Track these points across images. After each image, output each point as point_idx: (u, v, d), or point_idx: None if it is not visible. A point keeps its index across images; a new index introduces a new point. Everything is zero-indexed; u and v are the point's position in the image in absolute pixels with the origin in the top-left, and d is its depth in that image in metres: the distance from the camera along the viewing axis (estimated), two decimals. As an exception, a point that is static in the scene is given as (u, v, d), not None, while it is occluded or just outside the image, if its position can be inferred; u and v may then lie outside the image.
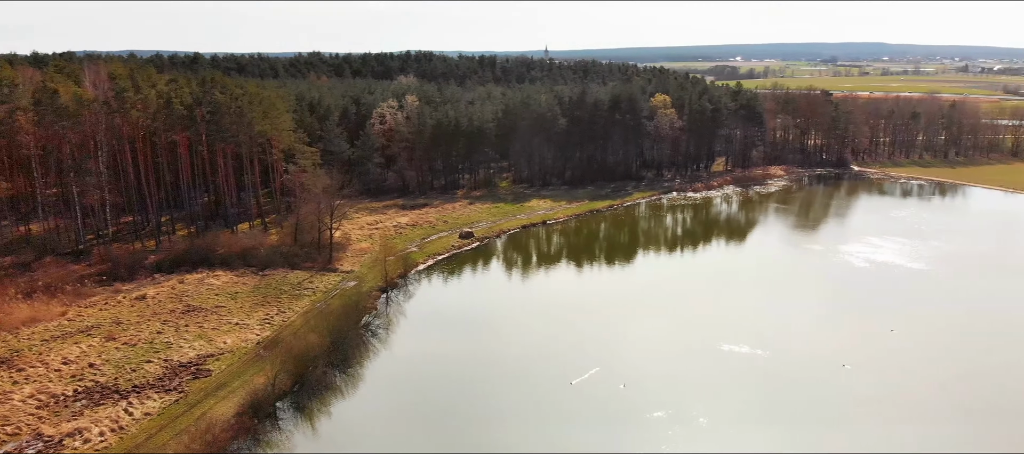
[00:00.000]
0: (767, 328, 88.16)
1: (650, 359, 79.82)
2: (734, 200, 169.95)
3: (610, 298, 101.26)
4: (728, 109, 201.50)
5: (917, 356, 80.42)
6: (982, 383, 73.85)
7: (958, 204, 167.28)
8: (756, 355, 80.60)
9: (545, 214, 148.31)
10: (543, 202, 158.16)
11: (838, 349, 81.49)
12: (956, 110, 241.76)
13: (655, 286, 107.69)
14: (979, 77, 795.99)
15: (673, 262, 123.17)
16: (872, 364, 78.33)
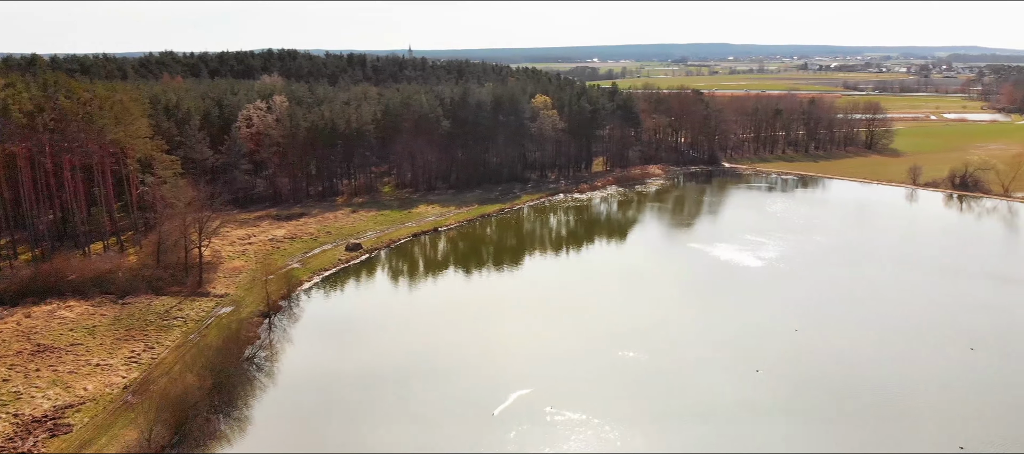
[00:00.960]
0: (666, 331, 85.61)
1: (563, 373, 74.87)
2: (619, 200, 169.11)
3: (517, 305, 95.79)
4: (606, 110, 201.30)
5: (825, 356, 79.98)
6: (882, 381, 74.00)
7: (825, 196, 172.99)
8: (657, 358, 77.51)
9: (435, 221, 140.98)
10: (431, 208, 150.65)
11: (746, 349, 79.84)
12: (814, 106, 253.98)
13: (560, 289, 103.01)
14: (818, 74, 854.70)
15: (572, 264, 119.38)
16: (783, 366, 76.99)
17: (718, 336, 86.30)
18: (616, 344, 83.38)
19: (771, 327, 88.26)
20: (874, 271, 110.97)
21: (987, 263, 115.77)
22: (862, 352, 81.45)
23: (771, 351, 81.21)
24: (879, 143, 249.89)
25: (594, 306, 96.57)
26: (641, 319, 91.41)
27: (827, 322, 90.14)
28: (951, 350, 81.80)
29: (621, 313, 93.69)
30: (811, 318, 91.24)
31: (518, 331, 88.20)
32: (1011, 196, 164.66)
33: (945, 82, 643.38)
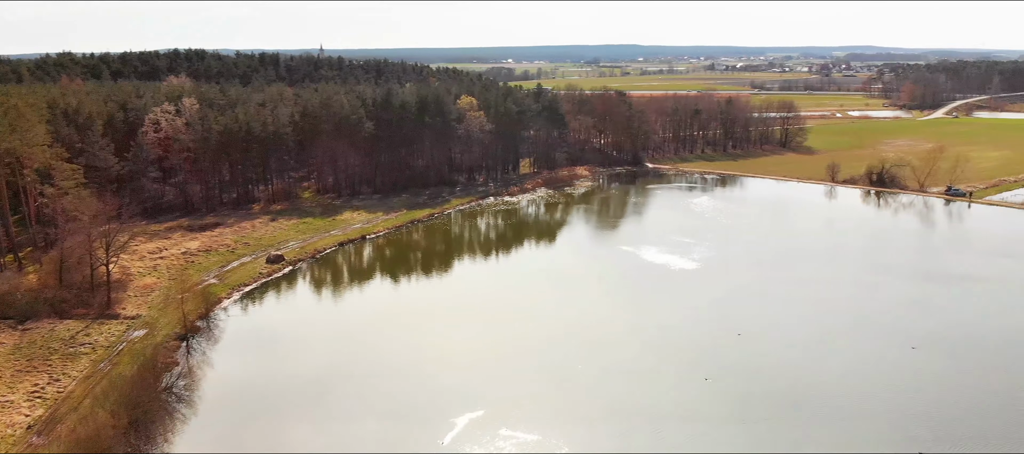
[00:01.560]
0: (608, 340, 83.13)
1: (505, 380, 71.18)
2: (550, 202, 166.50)
3: (454, 314, 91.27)
4: (532, 111, 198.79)
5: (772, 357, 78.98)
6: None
7: (750, 195, 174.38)
8: (603, 368, 74.84)
9: (362, 228, 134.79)
10: (357, 214, 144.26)
11: (692, 355, 78.01)
12: (731, 106, 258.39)
13: (497, 296, 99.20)
14: (725, 74, 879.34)
15: (507, 269, 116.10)
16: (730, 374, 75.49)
17: (660, 341, 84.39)
18: (557, 352, 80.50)
19: (714, 332, 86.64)
20: (808, 270, 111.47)
21: (914, 260, 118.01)
22: (808, 353, 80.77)
23: (718, 357, 79.50)
24: (793, 141, 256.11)
25: (533, 313, 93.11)
26: (581, 326, 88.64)
27: (769, 324, 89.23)
28: (894, 349, 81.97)
29: (560, 319, 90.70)
30: (753, 321, 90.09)
31: (457, 341, 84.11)
32: (926, 191, 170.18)
33: (846, 81, 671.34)
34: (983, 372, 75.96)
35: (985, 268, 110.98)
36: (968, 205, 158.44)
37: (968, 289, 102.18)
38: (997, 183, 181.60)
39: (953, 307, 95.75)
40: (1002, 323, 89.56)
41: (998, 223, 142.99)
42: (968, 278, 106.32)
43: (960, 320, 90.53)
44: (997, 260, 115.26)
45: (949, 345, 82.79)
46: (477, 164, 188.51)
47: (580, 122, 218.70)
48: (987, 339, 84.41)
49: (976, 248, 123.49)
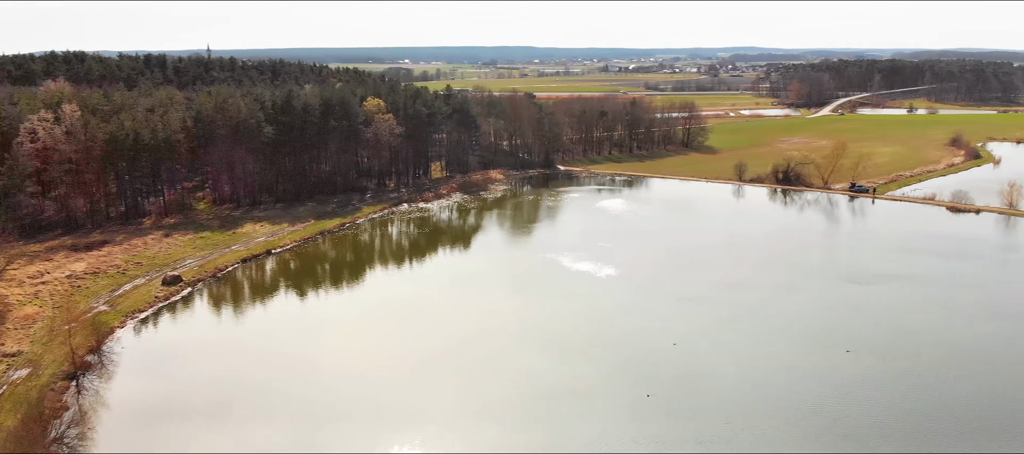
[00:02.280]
0: (544, 355, 78.93)
1: (438, 412, 65.80)
2: (467, 208, 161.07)
3: (375, 331, 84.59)
4: (442, 113, 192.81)
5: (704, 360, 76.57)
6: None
7: (663, 196, 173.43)
8: (539, 386, 70.60)
9: (267, 241, 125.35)
10: (260, 226, 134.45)
11: (631, 369, 74.65)
12: (635, 107, 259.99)
13: (420, 310, 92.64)
14: (619, 75, 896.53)
15: (428, 281, 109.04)
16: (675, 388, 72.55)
17: (598, 355, 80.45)
18: (488, 368, 75.72)
19: (650, 343, 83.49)
20: (732, 274, 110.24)
21: (835, 259, 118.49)
22: (745, 360, 78.67)
23: (657, 370, 76.28)
24: (695, 141, 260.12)
25: (464, 328, 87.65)
26: (513, 339, 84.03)
27: (701, 332, 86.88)
28: (830, 353, 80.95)
29: (490, 334, 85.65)
30: (685, 329, 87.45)
31: (382, 360, 77.81)
32: (831, 188, 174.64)
33: (734, 81, 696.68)
34: (919, 373, 75.72)
35: (905, 266, 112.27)
36: (872, 201, 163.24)
37: (894, 288, 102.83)
38: (895, 178, 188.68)
39: (882, 308, 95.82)
40: (932, 323, 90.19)
41: (906, 219, 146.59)
42: (891, 277, 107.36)
43: (891, 322, 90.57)
44: (917, 258, 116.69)
45: (882, 347, 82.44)
46: (387, 169, 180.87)
47: (490, 124, 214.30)
48: (920, 339, 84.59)
49: (892, 245, 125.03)
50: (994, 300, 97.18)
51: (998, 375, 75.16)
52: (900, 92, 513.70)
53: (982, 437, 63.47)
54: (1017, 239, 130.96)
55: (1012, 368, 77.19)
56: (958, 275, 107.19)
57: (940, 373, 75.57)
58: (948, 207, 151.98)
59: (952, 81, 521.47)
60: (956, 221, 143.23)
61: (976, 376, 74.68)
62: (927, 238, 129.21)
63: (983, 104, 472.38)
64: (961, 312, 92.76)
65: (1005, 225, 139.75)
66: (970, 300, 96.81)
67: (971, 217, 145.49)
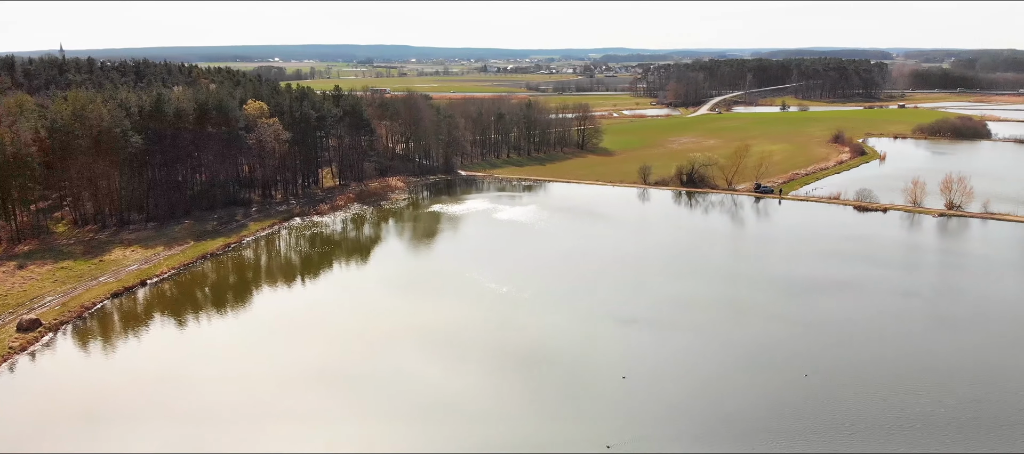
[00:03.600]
0: (473, 399, 69.14)
1: None
2: (368, 221, 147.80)
3: (285, 386, 71.57)
4: (333, 116, 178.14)
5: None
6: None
7: (572, 203, 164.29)
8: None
9: (140, 270, 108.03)
10: (131, 252, 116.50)
11: (581, 404, 65.90)
12: (532, 109, 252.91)
13: (338, 353, 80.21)
14: (498, 75, 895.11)
15: (344, 315, 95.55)
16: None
17: (538, 398, 71.13)
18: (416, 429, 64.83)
19: (596, 376, 74.95)
20: (668, 287, 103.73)
21: (770, 268, 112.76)
22: (711, 388, 71.58)
23: (611, 412, 67.86)
24: (590, 143, 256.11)
25: (396, 374, 76.08)
26: (449, 386, 73.34)
27: (655, 357, 79.23)
28: (788, 376, 74.97)
29: (417, 379, 74.56)
30: (634, 358, 79.43)
31: (295, 422, 65.24)
32: (735, 190, 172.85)
33: (611, 81, 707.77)
34: (905, 398, 70.73)
35: (839, 273, 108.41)
36: (779, 202, 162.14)
37: (836, 300, 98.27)
38: (792, 177, 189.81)
39: (834, 325, 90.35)
40: (891, 339, 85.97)
41: (819, 220, 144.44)
42: (830, 286, 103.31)
43: (852, 342, 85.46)
44: (848, 264, 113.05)
45: (845, 371, 77.15)
46: (272, 178, 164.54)
47: (385, 128, 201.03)
48: (891, 359, 79.85)
49: (818, 250, 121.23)
50: (939, 309, 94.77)
51: (982, 387, 71.40)
52: (770, 90, 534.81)
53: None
54: (930, 239, 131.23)
55: (992, 379, 73.58)
56: (893, 282, 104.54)
57: (924, 395, 70.84)
58: (855, 206, 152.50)
59: (818, 79, 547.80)
60: (867, 220, 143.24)
61: (963, 393, 70.56)
62: (848, 241, 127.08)
63: (847, 100, 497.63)
64: (912, 324, 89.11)
65: (910, 223, 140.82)
66: (915, 310, 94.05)
67: (879, 215, 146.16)
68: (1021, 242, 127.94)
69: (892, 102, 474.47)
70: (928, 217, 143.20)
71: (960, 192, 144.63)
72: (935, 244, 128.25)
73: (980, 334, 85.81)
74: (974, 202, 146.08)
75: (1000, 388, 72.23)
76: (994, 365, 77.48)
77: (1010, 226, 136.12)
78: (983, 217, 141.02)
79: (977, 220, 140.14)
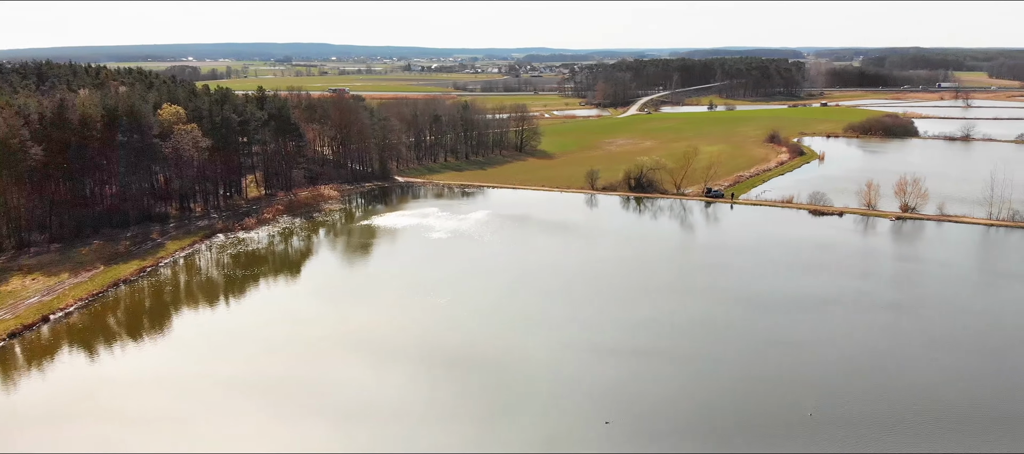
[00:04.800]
0: None
1: None
2: (301, 235, 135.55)
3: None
4: (257, 120, 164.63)
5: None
6: None
7: (521, 211, 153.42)
8: None
9: (42, 303, 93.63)
10: (31, 280, 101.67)
11: None
12: (469, 110, 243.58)
13: (281, 396, 69.49)
14: (423, 75, 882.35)
15: (286, 352, 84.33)
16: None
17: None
18: None
19: (573, 417, 66.63)
20: (641, 307, 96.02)
21: (742, 284, 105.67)
22: (706, 431, 64.09)
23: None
24: (528, 145, 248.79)
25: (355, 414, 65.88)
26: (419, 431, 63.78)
27: (639, 394, 71.22)
28: (791, 417, 68.30)
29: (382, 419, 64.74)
30: (618, 396, 71.43)
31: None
32: (685, 194, 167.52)
33: (537, 81, 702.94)
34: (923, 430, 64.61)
35: (812, 287, 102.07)
36: (731, 206, 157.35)
37: (816, 317, 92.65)
38: (737, 179, 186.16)
39: (823, 345, 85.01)
40: (895, 363, 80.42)
41: (777, 226, 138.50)
42: (806, 302, 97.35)
43: (852, 367, 79.87)
44: (818, 276, 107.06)
45: (849, 403, 70.88)
46: (191, 190, 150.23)
47: (314, 131, 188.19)
48: (901, 390, 74.11)
49: (784, 261, 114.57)
50: (927, 325, 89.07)
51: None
52: (695, 90, 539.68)
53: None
54: (895, 245, 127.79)
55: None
56: (870, 294, 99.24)
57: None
58: (810, 210, 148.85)
59: (741, 78, 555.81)
60: (824, 225, 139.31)
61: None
62: (814, 249, 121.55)
63: (770, 99, 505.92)
64: (907, 343, 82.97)
65: (869, 227, 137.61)
66: (905, 326, 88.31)
67: (835, 219, 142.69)
68: (985, 246, 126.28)
69: (814, 101, 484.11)
70: (885, 220, 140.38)
71: (915, 194, 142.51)
72: (903, 251, 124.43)
73: (986, 355, 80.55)
74: (929, 204, 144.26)
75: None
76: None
77: (967, 228, 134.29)
78: (939, 219, 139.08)
79: (933, 223, 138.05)
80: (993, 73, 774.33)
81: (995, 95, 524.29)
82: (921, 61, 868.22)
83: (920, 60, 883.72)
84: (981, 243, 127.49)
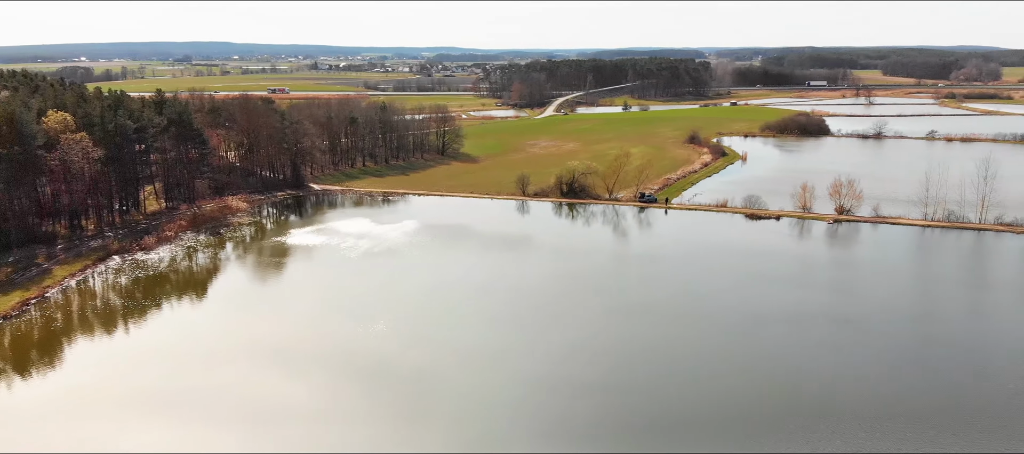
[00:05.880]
0: None
1: None
2: (210, 253, 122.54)
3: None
4: (155, 126, 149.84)
5: None
6: None
7: (455, 221, 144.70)
8: None
9: None
10: None
11: None
12: (387, 112, 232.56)
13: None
14: (331, 73, 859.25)
15: (196, 403, 73.45)
16: None
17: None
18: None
19: None
20: (610, 329, 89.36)
21: (711, 300, 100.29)
22: None
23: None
24: (451, 147, 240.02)
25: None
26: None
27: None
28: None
29: None
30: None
31: None
32: (618, 200, 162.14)
33: (451, 80, 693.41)
34: None
35: (766, 303, 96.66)
36: (665, 212, 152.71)
37: (785, 333, 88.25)
38: (665, 182, 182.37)
39: (819, 365, 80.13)
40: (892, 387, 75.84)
41: (716, 232, 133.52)
42: (768, 319, 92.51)
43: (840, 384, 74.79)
44: (769, 289, 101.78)
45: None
46: (82, 206, 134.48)
47: (218, 137, 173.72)
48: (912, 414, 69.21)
49: (736, 272, 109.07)
50: (893, 341, 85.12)
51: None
52: (608, 90, 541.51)
53: None
54: (841, 250, 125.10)
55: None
56: (830, 307, 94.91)
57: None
58: (747, 214, 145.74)
59: (652, 78, 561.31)
60: (764, 229, 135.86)
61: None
62: (753, 256, 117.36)
63: (681, 99, 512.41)
64: (890, 361, 78.72)
65: (808, 231, 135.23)
66: (852, 339, 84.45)
67: (773, 223, 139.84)
68: (923, 247, 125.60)
69: (723, 100, 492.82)
70: (822, 223, 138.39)
71: (850, 196, 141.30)
72: (852, 256, 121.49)
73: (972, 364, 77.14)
74: (863, 205, 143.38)
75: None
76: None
77: (904, 230, 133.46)
78: (874, 221, 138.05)
79: (869, 225, 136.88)
80: (887, 70, 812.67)
81: (894, 92, 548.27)
82: (818, 60, 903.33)
83: (817, 59, 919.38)
84: (919, 245, 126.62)
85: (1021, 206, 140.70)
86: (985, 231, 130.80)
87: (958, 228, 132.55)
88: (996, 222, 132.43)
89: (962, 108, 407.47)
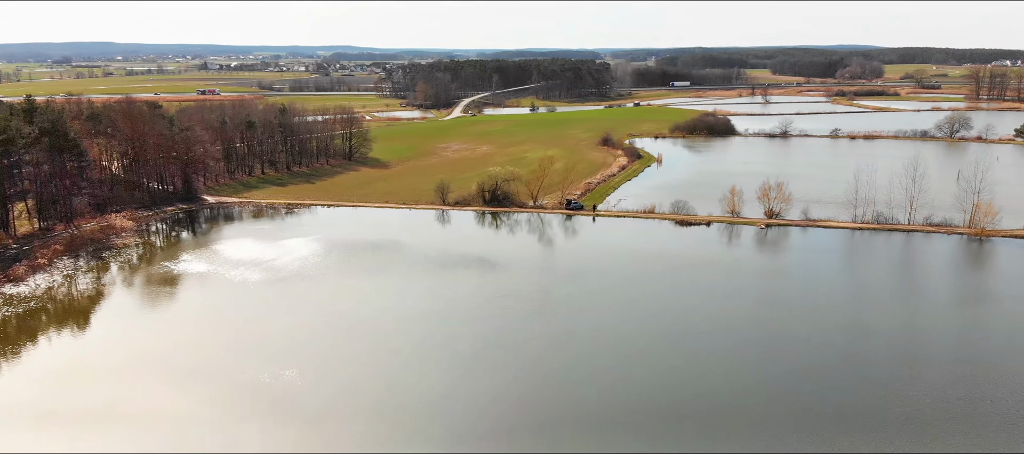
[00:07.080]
0: None
1: None
2: (88, 283, 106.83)
3: None
4: (25, 137, 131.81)
5: None
6: None
7: (361, 236, 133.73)
8: None
9: None
10: None
11: None
12: (287, 114, 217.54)
13: None
14: (222, 73, 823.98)
15: None
16: None
17: None
18: None
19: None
20: (568, 369, 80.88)
21: (673, 316, 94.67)
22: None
23: None
24: (359, 152, 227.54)
25: None
26: None
27: None
28: None
29: None
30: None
31: None
32: (543, 208, 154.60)
33: (351, 80, 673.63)
34: None
35: (729, 318, 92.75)
36: (593, 219, 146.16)
37: (757, 350, 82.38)
38: (586, 187, 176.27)
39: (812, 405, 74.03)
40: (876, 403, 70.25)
41: (650, 240, 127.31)
42: (735, 336, 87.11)
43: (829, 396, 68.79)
44: (736, 305, 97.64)
45: None
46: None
47: (98, 147, 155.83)
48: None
49: (692, 287, 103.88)
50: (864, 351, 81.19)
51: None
52: (514, 91, 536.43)
53: None
54: (756, 254, 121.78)
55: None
56: (784, 324, 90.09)
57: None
58: (676, 220, 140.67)
59: (556, 79, 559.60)
60: (697, 236, 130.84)
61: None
62: (686, 266, 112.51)
63: (585, 100, 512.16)
64: (878, 377, 74.09)
65: (740, 236, 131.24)
66: (849, 363, 79.60)
67: (703, 230, 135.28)
68: (852, 251, 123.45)
69: (626, 101, 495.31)
70: (752, 227, 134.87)
71: (779, 199, 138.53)
72: (774, 263, 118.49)
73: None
74: (792, 208, 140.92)
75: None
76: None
77: (835, 233, 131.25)
78: (804, 225, 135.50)
79: (799, 228, 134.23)
80: (775, 69, 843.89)
81: (786, 90, 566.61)
82: (710, 60, 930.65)
83: (709, 59, 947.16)
84: (850, 248, 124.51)
85: (946, 206, 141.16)
86: (914, 232, 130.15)
87: (888, 230, 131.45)
88: (925, 223, 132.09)
89: (855, 105, 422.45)
